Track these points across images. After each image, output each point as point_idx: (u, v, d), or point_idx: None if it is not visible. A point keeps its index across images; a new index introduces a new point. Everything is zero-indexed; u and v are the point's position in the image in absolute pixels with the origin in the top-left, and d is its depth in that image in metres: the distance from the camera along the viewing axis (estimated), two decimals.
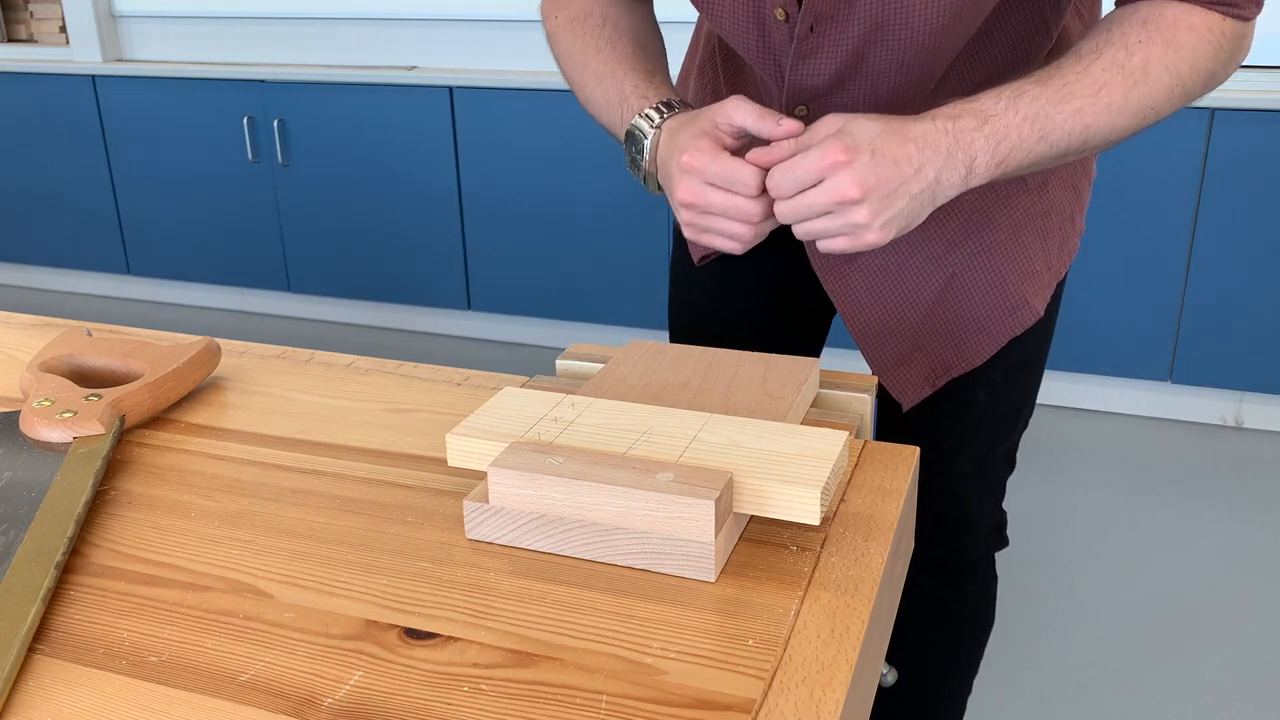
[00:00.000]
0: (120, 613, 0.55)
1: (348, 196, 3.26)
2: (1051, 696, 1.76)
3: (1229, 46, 0.82)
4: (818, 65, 0.88)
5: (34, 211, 3.70)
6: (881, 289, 1.03)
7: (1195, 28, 0.80)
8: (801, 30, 0.85)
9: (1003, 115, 0.78)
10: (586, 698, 0.48)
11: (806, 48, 0.87)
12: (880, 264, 1.02)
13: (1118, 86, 0.79)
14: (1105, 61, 0.79)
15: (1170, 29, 0.80)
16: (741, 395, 0.71)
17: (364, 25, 3.31)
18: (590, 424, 0.64)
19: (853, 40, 0.85)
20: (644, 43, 0.97)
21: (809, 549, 0.59)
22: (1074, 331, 2.68)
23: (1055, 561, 2.13)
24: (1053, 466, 2.49)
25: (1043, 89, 0.79)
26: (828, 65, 0.87)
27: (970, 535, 1.15)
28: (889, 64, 0.86)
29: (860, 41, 0.85)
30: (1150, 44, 0.80)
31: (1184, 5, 0.81)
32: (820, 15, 0.84)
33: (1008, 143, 0.78)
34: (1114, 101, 0.79)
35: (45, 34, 3.69)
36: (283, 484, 0.68)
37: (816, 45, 0.86)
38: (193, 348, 0.81)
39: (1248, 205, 2.48)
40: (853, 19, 0.83)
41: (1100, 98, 0.79)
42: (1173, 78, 0.80)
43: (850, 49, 0.85)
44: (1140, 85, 0.79)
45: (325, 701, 0.48)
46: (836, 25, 0.84)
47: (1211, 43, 0.81)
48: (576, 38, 0.97)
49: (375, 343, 3.29)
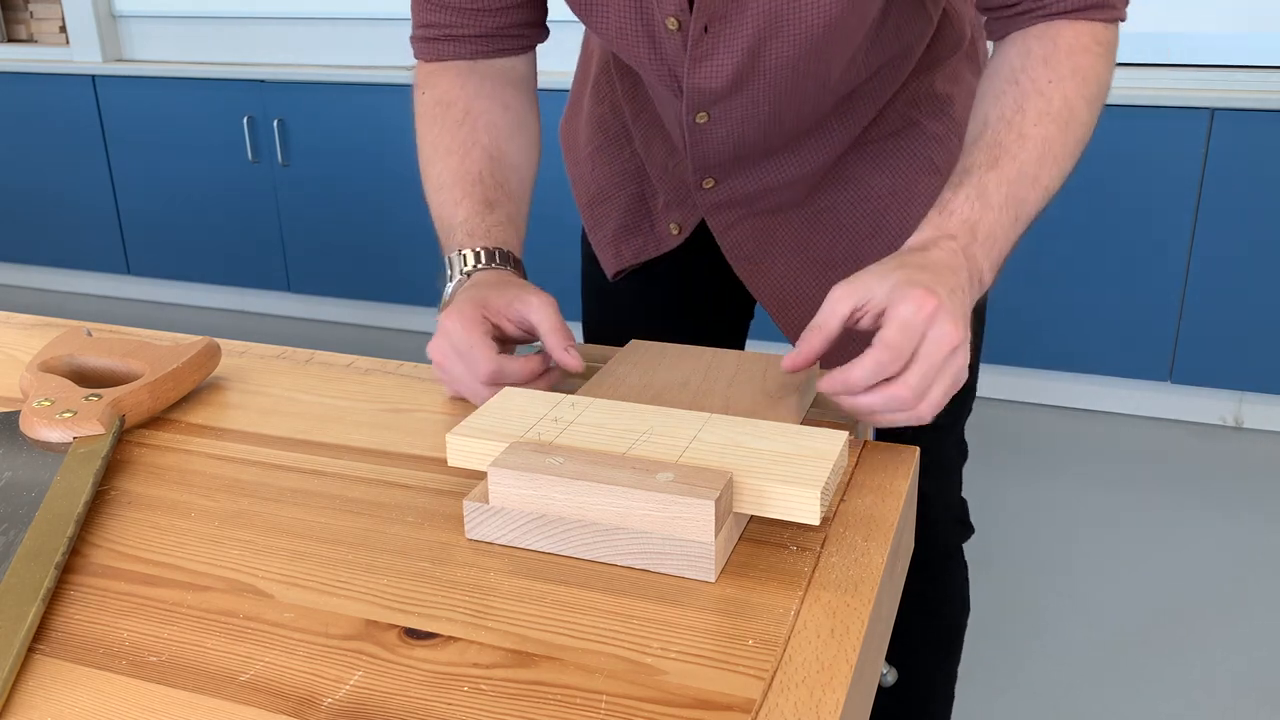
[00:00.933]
0: (120, 613, 0.55)
1: (348, 196, 3.26)
2: (1051, 696, 1.76)
3: (1112, 51, 0.84)
4: (715, 66, 0.87)
5: (34, 211, 3.70)
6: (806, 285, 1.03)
7: (1088, 48, 0.81)
8: (695, 32, 0.85)
9: (983, 218, 0.76)
10: (586, 698, 0.48)
11: (701, 50, 0.86)
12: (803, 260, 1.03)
13: (1056, 138, 0.79)
14: (1034, 116, 0.79)
15: (1069, 57, 0.80)
16: (741, 395, 0.71)
17: (364, 25, 3.31)
18: (590, 424, 0.64)
19: (747, 37, 0.84)
20: (498, 154, 0.92)
21: (809, 549, 0.59)
22: (1074, 331, 2.68)
23: (1054, 561, 2.12)
24: (1053, 466, 2.49)
25: (999, 174, 0.77)
26: (725, 65, 0.87)
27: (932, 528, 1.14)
28: (785, 59, 0.86)
29: (755, 39, 0.84)
30: (1061, 81, 0.79)
31: (1067, 23, 0.81)
32: (714, 15, 0.84)
33: (998, 244, 0.77)
34: (1058, 154, 0.79)
35: (45, 34, 3.69)
36: (283, 484, 0.68)
37: (712, 46, 0.86)
38: (193, 348, 0.81)
39: (1248, 205, 2.47)
40: (745, 15, 0.83)
41: (1048, 158, 0.79)
42: (1089, 104, 0.81)
43: (746, 46, 0.85)
44: (1072, 125, 0.80)
45: (325, 701, 0.48)
46: (730, 24, 0.84)
47: (1103, 55, 0.82)
48: (432, 129, 0.93)
49: (375, 343, 3.29)
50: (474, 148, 0.91)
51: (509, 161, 0.92)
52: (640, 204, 1.09)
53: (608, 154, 1.10)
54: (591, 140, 1.11)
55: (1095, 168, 2.54)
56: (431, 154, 0.92)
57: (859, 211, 1.01)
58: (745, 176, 0.99)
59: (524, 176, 0.94)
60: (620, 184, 1.10)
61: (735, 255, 1.04)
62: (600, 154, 1.11)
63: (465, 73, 0.94)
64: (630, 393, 0.72)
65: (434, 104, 0.93)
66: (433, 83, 0.94)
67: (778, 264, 1.04)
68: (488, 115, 0.93)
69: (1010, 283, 2.67)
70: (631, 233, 1.10)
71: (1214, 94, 2.45)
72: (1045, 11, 0.81)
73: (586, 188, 1.14)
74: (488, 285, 0.79)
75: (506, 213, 0.88)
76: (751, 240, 1.03)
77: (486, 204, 0.88)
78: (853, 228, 1.02)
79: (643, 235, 1.09)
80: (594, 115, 1.10)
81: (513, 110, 0.95)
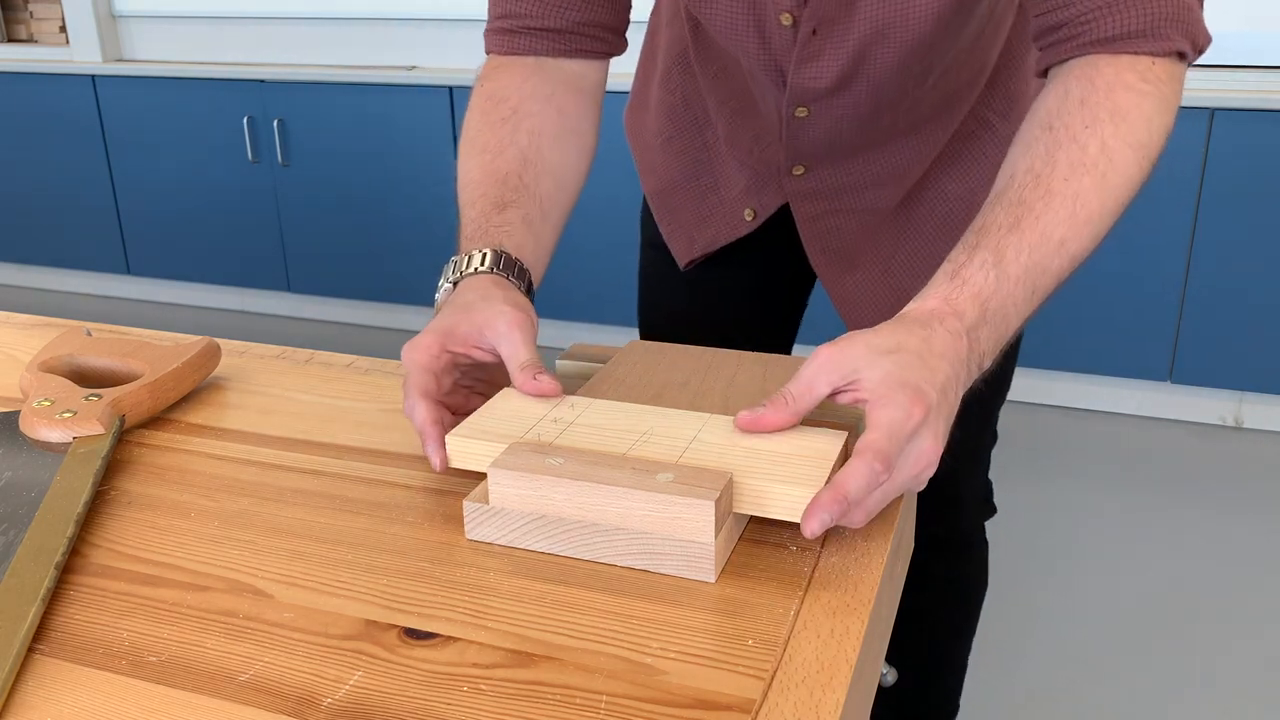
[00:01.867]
0: (120, 613, 0.55)
1: (348, 196, 3.26)
2: (1050, 695, 1.76)
3: (1170, 91, 0.74)
4: (820, 68, 0.88)
5: (34, 211, 3.70)
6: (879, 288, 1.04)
7: (1131, 85, 0.72)
8: (804, 34, 0.85)
9: (997, 292, 0.68)
10: (586, 698, 0.48)
11: (809, 51, 0.86)
12: (881, 265, 1.03)
13: (1091, 192, 0.70)
14: (1064, 168, 0.70)
15: (1107, 96, 0.72)
16: (741, 395, 0.71)
17: (364, 25, 3.31)
18: (590, 424, 0.64)
19: (854, 42, 0.85)
20: (535, 156, 0.87)
21: (809, 549, 0.59)
22: (1074, 331, 2.68)
23: (1054, 561, 2.12)
24: (1053, 466, 2.49)
25: (1019, 238, 0.69)
26: (830, 67, 0.87)
27: (964, 508, 1.19)
28: (889, 64, 0.86)
29: (862, 43, 0.85)
30: (1098, 124, 0.71)
31: (1107, 61, 0.73)
32: (823, 19, 0.84)
33: (1008, 324, 0.69)
34: (1091, 213, 0.71)
35: (45, 34, 3.69)
36: (283, 484, 0.68)
37: (819, 49, 0.86)
38: (193, 348, 0.81)
39: (1248, 205, 2.47)
40: (854, 21, 0.83)
41: (1079, 218, 0.70)
42: (1135, 151, 0.72)
43: (852, 51, 0.85)
44: (1110, 176, 0.71)
45: (325, 701, 0.48)
46: (839, 28, 0.84)
47: (1151, 94, 0.73)
48: (475, 124, 0.88)
49: (375, 343, 3.29)
50: (510, 147, 0.86)
51: (546, 164, 0.87)
52: (713, 192, 1.09)
53: (679, 143, 1.10)
54: (663, 130, 1.11)
55: None
56: (468, 150, 0.87)
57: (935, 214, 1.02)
58: (836, 168, 1.00)
59: (563, 181, 0.89)
60: (693, 173, 1.10)
61: (815, 247, 1.04)
62: (671, 143, 1.10)
63: (530, 71, 0.90)
64: (630, 393, 0.72)
65: (485, 98, 0.89)
66: (493, 76, 0.90)
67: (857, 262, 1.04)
68: (537, 117, 0.88)
69: None
70: (705, 220, 1.10)
71: (1214, 94, 2.45)
72: (1082, 40, 0.74)
73: (657, 176, 1.13)
74: (461, 308, 0.73)
75: (522, 214, 0.83)
76: (834, 234, 1.04)
77: (499, 205, 0.83)
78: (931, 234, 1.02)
79: (716, 223, 1.09)
80: (665, 104, 1.10)
81: (568, 116, 0.90)
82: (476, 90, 0.91)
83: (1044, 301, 0.72)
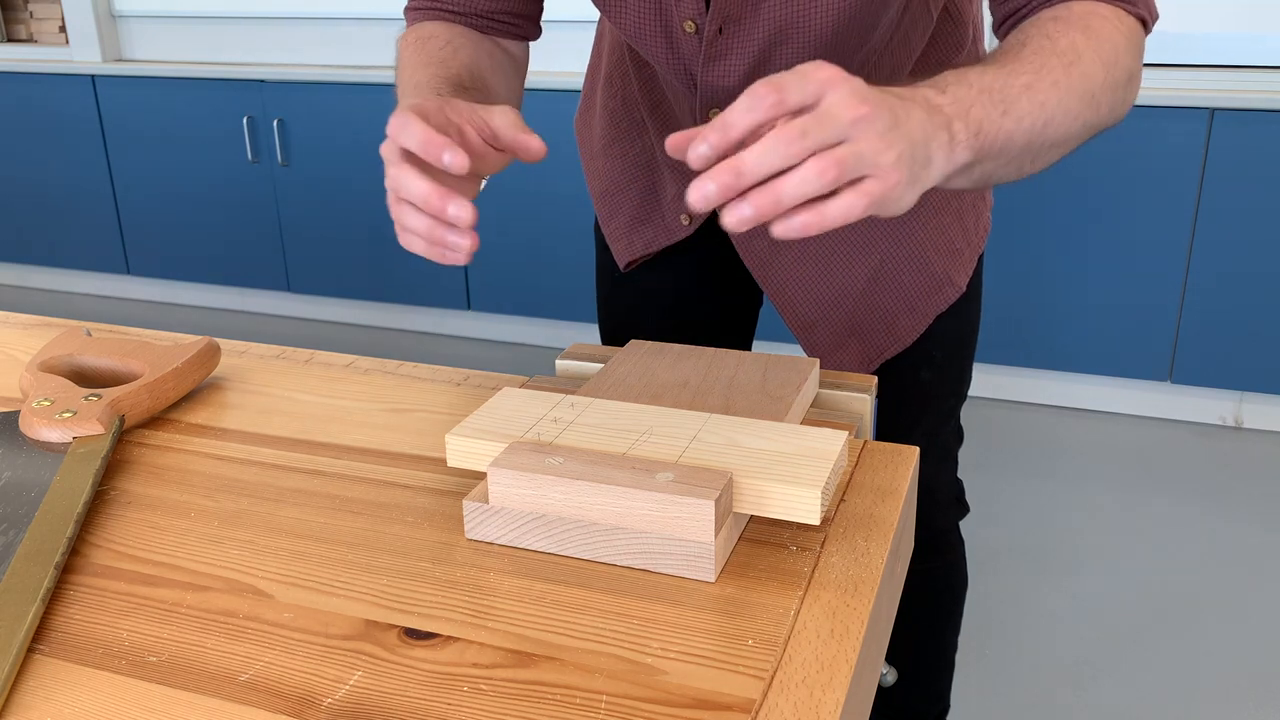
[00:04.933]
0: (120, 612, 0.55)
1: (348, 196, 3.26)
2: (1050, 695, 1.76)
3: (1135, 45, 0.79)
4: (728, 66, 0.90)
5: (34, 211, 3.70)
6: (813, 278, 1.06)
7: (1106, 17, 0.77)
8: (710, 33, 0.88)
9: (957, 87, 0.68)
10: (586, 698, 0.48)
11: (715, 50, 0.89)
12: (811, 253, 1.05)
13: (1056, 66, 0.72)
14: (1034, 48, 0.74)
15: (1083, 19, 0.76)
16: (741, 395, 0.71)
17: (364, 25, 3.31)
18: (590, 424, 0.64)
19: (759, 40, 0.87)
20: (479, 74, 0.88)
21: (809, 549, 0.59)
22: (1074, 331, 2.68)
23: (1054, 561, 2.12)
24: (1053, 466, 2.49)
25: (984, 69, 0.71)
26: (737, 66, 0.89)
27: (935, 508, 1.20)
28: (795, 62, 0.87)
29: (766, 42, 0.87)
30: (1070, 30, 0.75)
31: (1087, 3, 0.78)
32: (728, 17, 0.87)
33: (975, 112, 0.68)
34: (1058, 79, 0.72)
35: (45, 34, 3.69)
36: (283, 484, 0.68)
37: (725, 47, 0.88)
38: (192, 348, 0.81)
39: (1248, 205, 2.47)
40: (759, 19, 0.86)
41: (1044, 75, 0.72)
42: (1103, 64, 0.75)
43: (758, 49, 0.88)
44: (1075, 65, 0.73)
45: (325, 701, 0.48)
46: (743, 27, 0.87)
47: (1123, 33, 0.77)
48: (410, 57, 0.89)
49: (375, 343, 3.29)
50: (451, 63, 0.86)
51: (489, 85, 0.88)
52: (651, 195, 1.11)
53: (620, 146, 1.12)
54: (605, 133, 1.13)
55: (1095, 168, 2.54)
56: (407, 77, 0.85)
57: None
58: None
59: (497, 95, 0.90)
60: (632, 176, 1.12)
61: (745, 248, 1.07)
62: (613, 146, 1.13)
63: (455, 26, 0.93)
64: (630, 393, 0.72)
65: (415, 40, 0.90)
66: (418, 28, 0.92)
67: (784, 256, 1.06)
68: (472, 50, 0.89)
69: (1011, 283, 2.67)
70: (643, 223, 1.12)
71: (1214, 94, 2.45)
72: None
73: (600, 179, 1.16)
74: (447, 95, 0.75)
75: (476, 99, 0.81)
76: (761, 233, 1.05)
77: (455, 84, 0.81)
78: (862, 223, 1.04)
79: (654, 226, 1.11)
80: (607, 108, 1.12)
81: (498, 59, 0.92)
82: (402, 40, 0.93)
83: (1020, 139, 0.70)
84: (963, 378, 1.16)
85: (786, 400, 0.71)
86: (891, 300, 1.06)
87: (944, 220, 1.05)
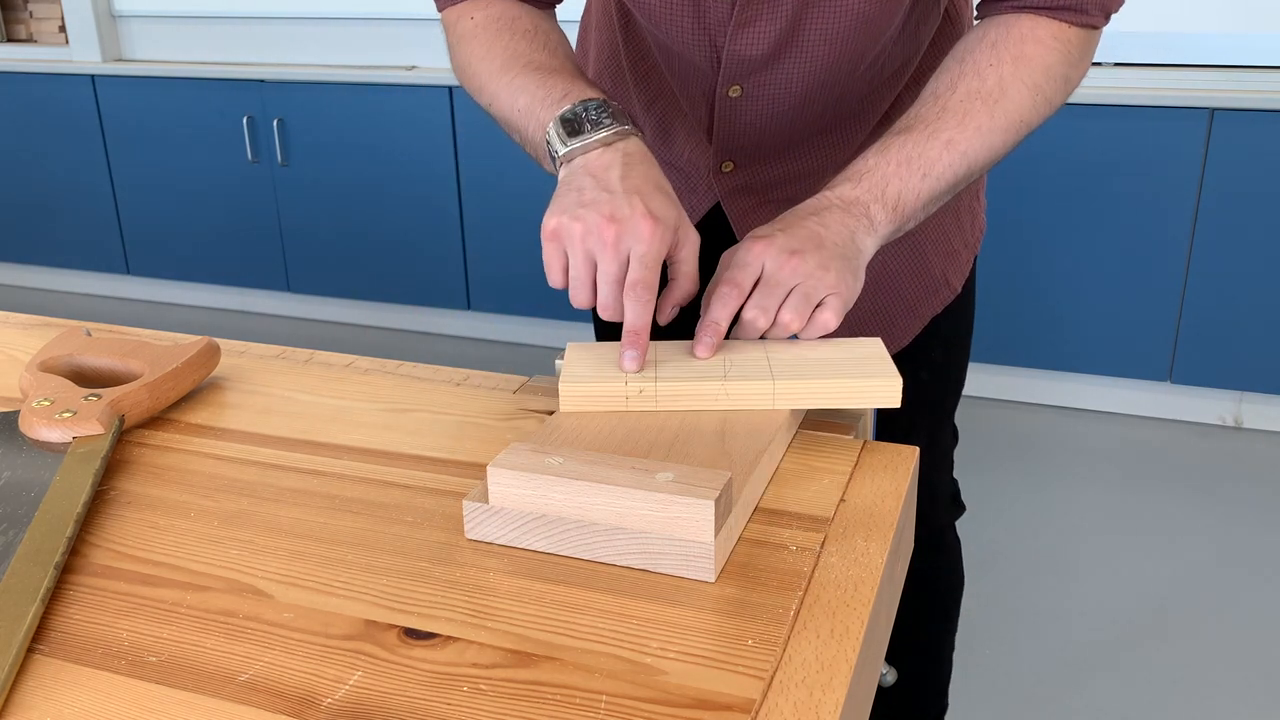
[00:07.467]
0: (119, 612, 0.55)
1: (347, 196, 3.26)
2: (1049, 695, 1.76)
3: (1077, 51, 0.87)
4: (757, 33, 0.89)
5: (34, 211, 3.70)
6: None
7: (1041, 40, 0.85)
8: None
9: (875, 169, 0.82)
10: (586, 698, 0.48)
11: (746, 15, 0.88)
12: None
13: (981, 111, 0.83)
14: (961, 94, 0.84)
15: (1017, 45, 0.85)
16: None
17: (364, 25, 3.31)
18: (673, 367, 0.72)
19: (790, 6, 0.87)
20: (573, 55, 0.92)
21: (809, 549, 0.59)
22: (1074, 331, 2.68)
23: (1054, 561, 2.13)
24: (1053, 466, 2.49)
25: (907, 136, 0.83)
26: (766, 32, 0.89)
27: (932, 506, 1.21)
28: (822, 34, 0.88)
29: (797, 8, 0.87)
30: (1000, 64, 0.84)
31: (1029, 18, 0.85)
32: None
33: (892, 188, 0.81)
34: (981, 124, 0.83)
35: (45, 34, 3.69)
36: (283, 484, 0.68)
37: (756, 12, 0.88)
38: (192, 348, 0.81)
39: (1248, 205, 2.48)
40: None
41: (967, 124, 0.83)
42: (1030, 89, 0.84)
43: (788, 14, 0.88)
44: (1001, 103, 0.83)
45: (325, 701, 0.48)
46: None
47: (1059, 50, 0.85)
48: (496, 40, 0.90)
49: (375, 343, 3.29)
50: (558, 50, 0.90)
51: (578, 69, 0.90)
52: None
53: None
54: None
55: (1095, 168, 2.54)
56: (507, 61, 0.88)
57: None
58: (764, 164, 1.02)
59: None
60: None
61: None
62: None
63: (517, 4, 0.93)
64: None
65: (492, 19, 0.91)
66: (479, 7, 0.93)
67: None
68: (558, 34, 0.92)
69: (1011, 283, 2.67)
70: None
71: (1214, 94, 2.45)
72: (1017, 4, 0.86)
73: None
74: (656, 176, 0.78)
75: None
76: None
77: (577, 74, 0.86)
78: None
79: None
80: None
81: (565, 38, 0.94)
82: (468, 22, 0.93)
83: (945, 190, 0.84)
84: (959, 378, 1.18)
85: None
86: (891, 304, 1.07)
87: (942, 222, 1.05)
